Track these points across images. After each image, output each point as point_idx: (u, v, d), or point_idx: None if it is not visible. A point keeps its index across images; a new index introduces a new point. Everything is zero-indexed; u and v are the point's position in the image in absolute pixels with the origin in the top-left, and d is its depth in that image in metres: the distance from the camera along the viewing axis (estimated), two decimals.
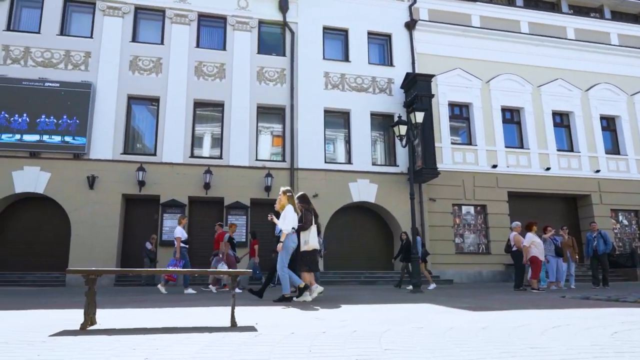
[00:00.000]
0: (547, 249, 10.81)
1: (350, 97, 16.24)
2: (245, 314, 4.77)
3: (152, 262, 13.73)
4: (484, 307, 5.74)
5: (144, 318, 4.61)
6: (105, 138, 14.31)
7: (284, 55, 16.19)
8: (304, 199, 7.29)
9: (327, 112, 16.08)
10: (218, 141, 15.31)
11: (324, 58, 16.38)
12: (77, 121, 14.03)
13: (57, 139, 13.89)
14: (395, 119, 11.67)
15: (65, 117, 13.96)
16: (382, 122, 16.73)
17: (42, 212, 14.24)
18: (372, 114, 16.39)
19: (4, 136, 13.64)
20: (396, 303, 6.63)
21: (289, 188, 7.16)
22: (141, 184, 14.09)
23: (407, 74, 16.23)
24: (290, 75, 15.89)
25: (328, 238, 15.03)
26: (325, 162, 15.69)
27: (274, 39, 16.48)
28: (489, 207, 16.55)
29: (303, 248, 6.95)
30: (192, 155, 14.89)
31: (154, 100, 15.08)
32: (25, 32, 14.57)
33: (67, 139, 13.95)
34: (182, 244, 10.07)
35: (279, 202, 7.00)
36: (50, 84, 14.09)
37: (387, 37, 17.29)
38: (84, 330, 3.62)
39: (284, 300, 6.57)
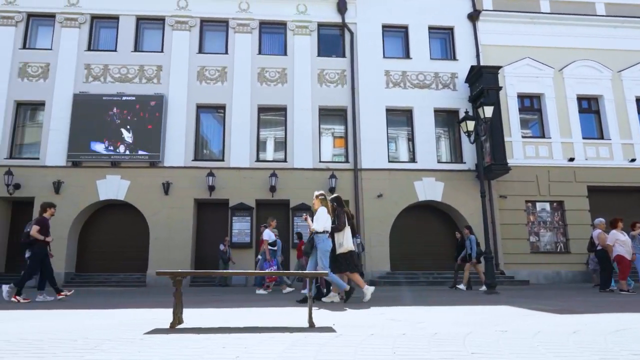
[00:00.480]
0: (637, 247, 9.97)
1: (412, 95, 15.95)
2: (318, 314, 4.82)
3: (226, 263, 14.26)
4: (569, 310, 5.41)
5: (224, 318, 4.80)
6: (177, 146, 15.09)
7: (343, 56, 16.24)
8: (337, 201, 7.34)
9: (389, 111, 15.91)
10: (282, 144, 15.65)
11: (384, 57, 16.23)
12: (152, 131, 14.92)
13: (134, 149, 14.86)
14: (461, 114, 11.34)
15: (141, 127, 14.89)
16: (446, 118, 16.27)
17: (123, 218, 15.28)
18: (436, 111, 15.99)
19: (90, 149, 14.77)
20: (472, 305, 6.42)
21: (322, 192, 7.25)
22: (211, 188, 14.71)
23: (472, 67, 15.66)
24: (350, 76, 15.91)
25: (394, 239, 14.91)
26: (389, 161, 15.52)
27: (333, 40, 16.58)
28: (566, 203, 15.55)
29: (339, 250, 7.00)
30: (258, 160, 15.32)
31: (221, 108, 15.70)
32: (104, 51, 15.72)
33: (143, 148, 14.87)
34: (269, 247, 10.27)
35: (314, 206, 7.12)
36: (127, 98, 15.09)
37: (449, 31, 16.80)
38: (173, 328, 3.83)
39: (349, 294, 6.79)
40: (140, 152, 14.82)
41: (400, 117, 16.23)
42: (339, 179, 14.89)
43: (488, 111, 10.43)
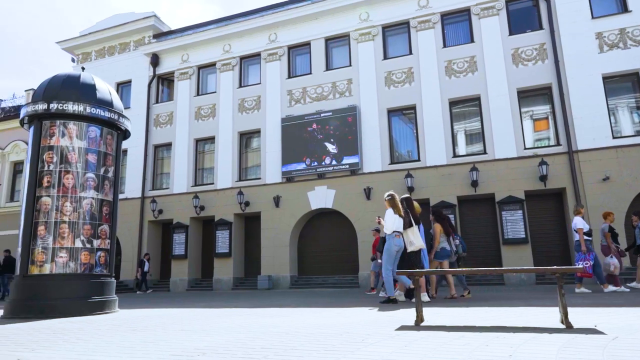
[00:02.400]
0: None
1: (637, 54, 13.30)
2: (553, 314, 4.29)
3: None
4: None
5: (457, 316, 4.68)
6: (373, 152, 15.69)
7: (540, 28, 14.55)
8: (406, 201, 7.34)
9: (607, 79, 13.56)
10: (479, 136, 14.81)
11: (592, 17, 13.95)
12: (351, 141, 15.85)
13: (336, 160, 16.01)
14: None
15: (341, 139, 15.97)
16: None
17: (333, 224, 16.56)
18: None
19: (299, 165, 16.53)
20: None
21: (390, 193, 7.23)
22: (410, 189, 14.79)
23: None
24: (552, 49, 14.13)
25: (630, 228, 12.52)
26: (614, 137, 13.20)
27: (525, 15, 15.01)
28: None
29: (410, 249, 7.00)
30: (455, 155, 14.81)
31: (410, 109, 15.74)
32: (301, 76, 17.45)
33: (344, 158, 15.90)
34: (585, 237, 8.73)
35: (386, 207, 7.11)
36: (325, 114, 16.40)
37: None
38: (418, 326, 3.89)
39: (390, 302, 6.72)
40: (344, 162, 15.88)
41: (622, 84, 13.68)
42: (550, 165, 13.32)
43: None
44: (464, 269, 7.51)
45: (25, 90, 23.69)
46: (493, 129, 14.37)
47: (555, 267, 4.40)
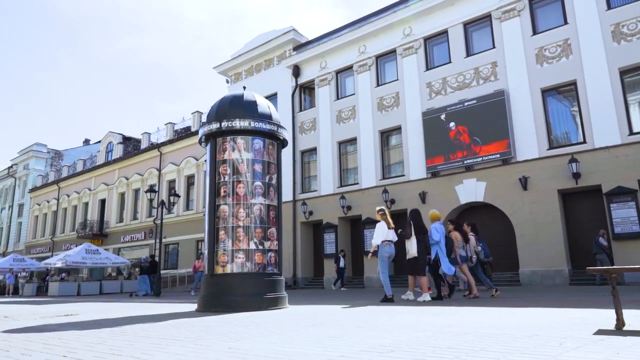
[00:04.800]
0: None
1: None
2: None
3: (610, 258, 12.36)
4: None
5: None
6: (527, 137, 14.38)
7: None
8: (412, 213, 8.28)
9: None
10: None
11: None
12: (499, 129, 14.77)
13: (485, 150, 15.05)
14: None
15: (488, 128, 14.98)
16: None
17: (485, 218, 15.58)
18: None
19: (444, 159, 15.95)
20: None
21: (381, 207, 8.54)
22: (576, 176, 13.19)
23: None
24: None
25: None
26: None
27: None
28: None
29: (407, 256, 8.02)
30: (632, 132, 12.75)
31: (569, 85, 14.04)
32: (440, 67, 16.85)
33: (494, 147, 14.87)
34: None
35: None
36: (469, 103, 15.55)
37: None
38: (619, 330, 3.41)
39: (387, 301, 7.77)
40: (493, 152, 14.87)
41: None
42: None
43: None
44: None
45: (192, 113, 27.30)
46: None
47: None
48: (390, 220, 8.29)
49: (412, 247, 7.96)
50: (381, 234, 8.06)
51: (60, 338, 3.92)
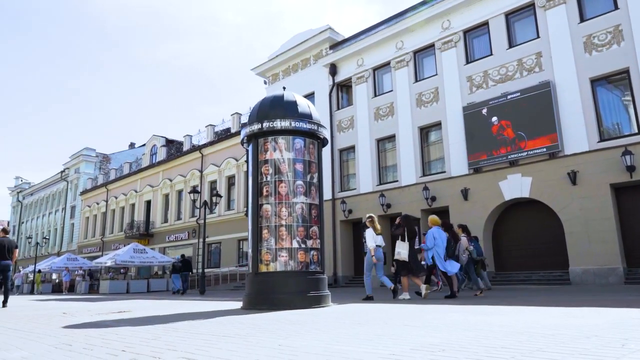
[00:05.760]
0: None
1: None
2: None
3: None
4: None
5: None
6: (576, 130, 13.77)
7: None
8: (404, 218, 9.11)
9: None
10: None
11: None
12: (545, 121, 14.21)
13: (530, 144, 14.53)
14: None
15: (533, 121, 14.45)
16: None
17: (531, 214, 15.06)
18: None
19: (487, 154, 15.52)
20: None
21: (370, 215, 9.30)
22: (630, 169, 12.52)
23: None
24: None
25: None
26: None
27: None
28: None
29: (396, 257, 8.65)
30: None
31: (621, 73, 13.34)
32: (480, 59, 16.40)
33: (540, 141, 14.32)
34: None
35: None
36: (512, 96, 15.05)
37: None
38: None
39: (367, 299, 8.46)
40: (539, 145, 14.35)
41: None
42: None
43: None
44: None
45: (231, 114, 27.85)
46: None
47: None
48: (378, 227, 9.07)
49: (403, 250, 8.50)
50: (372, 240, 8.84)
51: (117, 334, 4.10)
